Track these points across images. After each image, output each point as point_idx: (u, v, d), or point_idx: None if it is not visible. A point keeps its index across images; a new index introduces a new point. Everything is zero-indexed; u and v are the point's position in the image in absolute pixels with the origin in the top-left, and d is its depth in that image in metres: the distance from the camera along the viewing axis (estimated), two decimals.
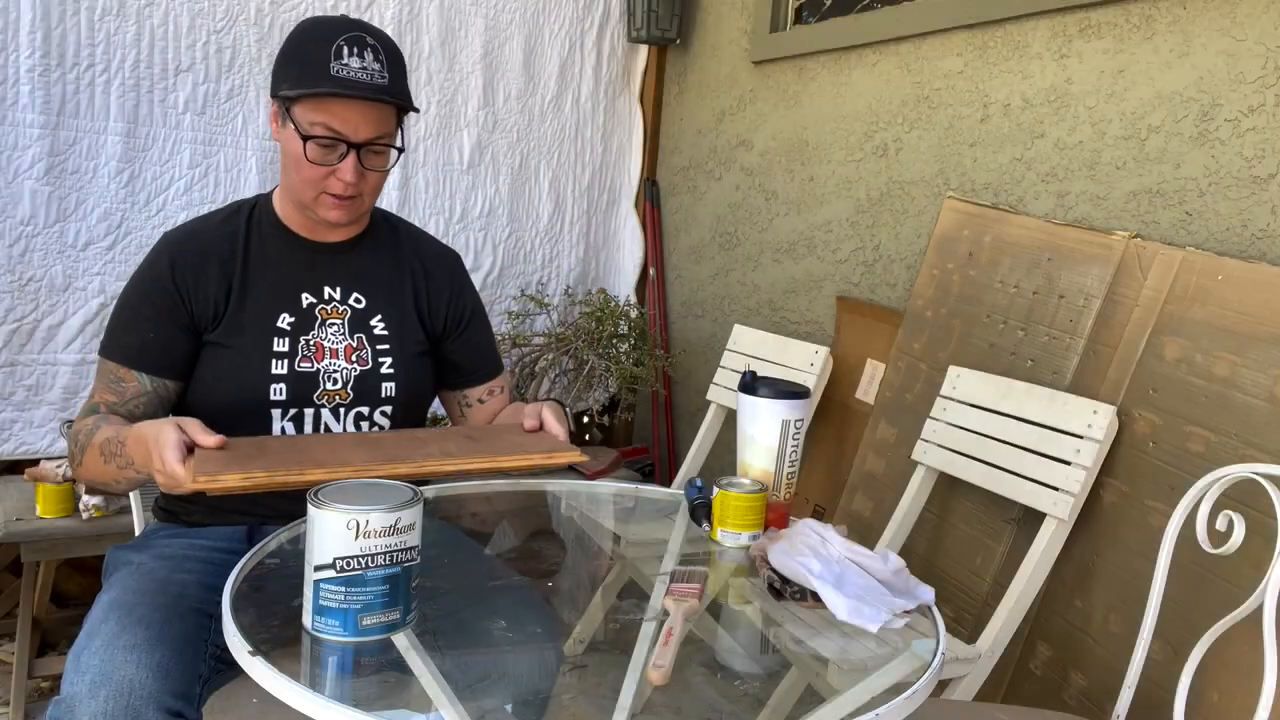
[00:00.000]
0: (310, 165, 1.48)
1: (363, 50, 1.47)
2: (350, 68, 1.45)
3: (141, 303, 1.53)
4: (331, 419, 1.56)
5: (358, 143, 1.47)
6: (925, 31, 2.47)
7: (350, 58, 1.46)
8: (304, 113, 1.46)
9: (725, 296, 3.25)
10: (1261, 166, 1.79)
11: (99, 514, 2.37)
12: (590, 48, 3.39)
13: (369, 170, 1.51)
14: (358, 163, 1.48)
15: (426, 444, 1.39)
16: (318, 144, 1.46)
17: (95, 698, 1.19)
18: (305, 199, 1.53)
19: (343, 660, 1.06)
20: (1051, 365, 2.06)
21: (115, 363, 1.52)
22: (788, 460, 1.48)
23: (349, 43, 1.46)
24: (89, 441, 1.43)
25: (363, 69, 1.46)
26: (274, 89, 1.52)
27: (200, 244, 1.56)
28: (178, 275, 1.52)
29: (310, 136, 1.46)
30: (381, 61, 1.48)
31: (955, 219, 2.35)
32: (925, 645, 1.19)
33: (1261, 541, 1.52)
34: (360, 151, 1.48)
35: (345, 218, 1.55)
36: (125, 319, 1.54)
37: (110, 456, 1.40)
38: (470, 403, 1.75)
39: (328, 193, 1.51)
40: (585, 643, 1.28)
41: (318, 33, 1.48)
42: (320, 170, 1.48)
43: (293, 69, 1.48)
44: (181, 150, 2.72)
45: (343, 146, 1.47)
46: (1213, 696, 1.62)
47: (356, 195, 1.52)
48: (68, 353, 2.61)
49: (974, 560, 2.14)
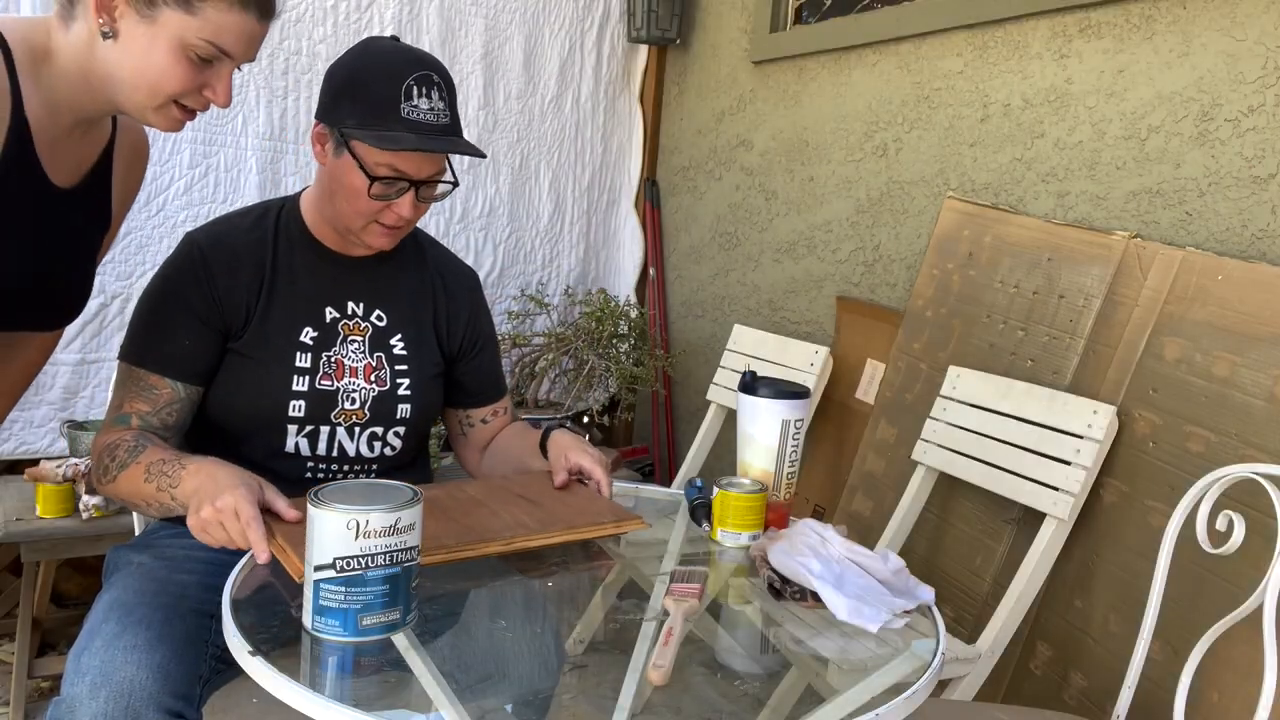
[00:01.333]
0: (369, 201, 1.46)
1: (430, 90, 1.44)
2: (419, 109, 1.43)
3: (177, 307, 1.49)
4: (346, 437, 1.56)
5: (419, 181, 1.47)
6: (925, 31, 2.47)
7: (420, 99, 1.43)
8: (369, 152, 1.43)
9: (725, 296, 3.25)
10: (1261, 166, 1.79)
11: (99, 514, 2.37)
12: (590, 48, 3.39)
13: (423, 202, 1.51)
14: (415, 199, 1.48)
15: (499, 513, 1.39)
16: (381, 183, 1.45)
17: (96, 698, 1.19)
18: (353, 227, 1.50)
19: (343, 660, 1.06)
20: (1051, 365, 2.06)
21: (147, 370, 1.48)
22: (788, 460, 1.48)
23: (418, 83, 1.43)
24: (131, 459, 1.38)
25: (430, 110, 1.44)
26: (331, 117, 1.47)
27: (232, 248, 1.53)
28: (215, 279, 1.50)
29: (377, 178, 1.44)
30: (445, 100, 1.47)
31: (955, 219, 2.35)
32: (925, 645, 1.19)
33: (1261, 541, 1.52)
34: (419, 188, 1.48)
35: (391, 245, 1.54)
36: (159, 324, 1.50)
37: (157, 475, 1.35)
38: (473, 423, 1.75)
39: (380, 223, 1.49)
40: (585, 643, 1.28)
41: (384, 68, 1.45)
42: (377, 205, 1.47)
43: (360, 106, 1.44)
44: (181, 150, 2.72)
45: (404, 184, 1.46)
46: (1213, 696, 1.62)
47: (408, 225, 1.52)
48: (68, 353, 2.61)
49: (974, 560, 2.14)
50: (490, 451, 1.74)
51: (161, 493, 1.34)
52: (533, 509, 1.42)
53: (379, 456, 1.59)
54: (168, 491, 1.34)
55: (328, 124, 1.48)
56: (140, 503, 1.39)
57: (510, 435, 1.74)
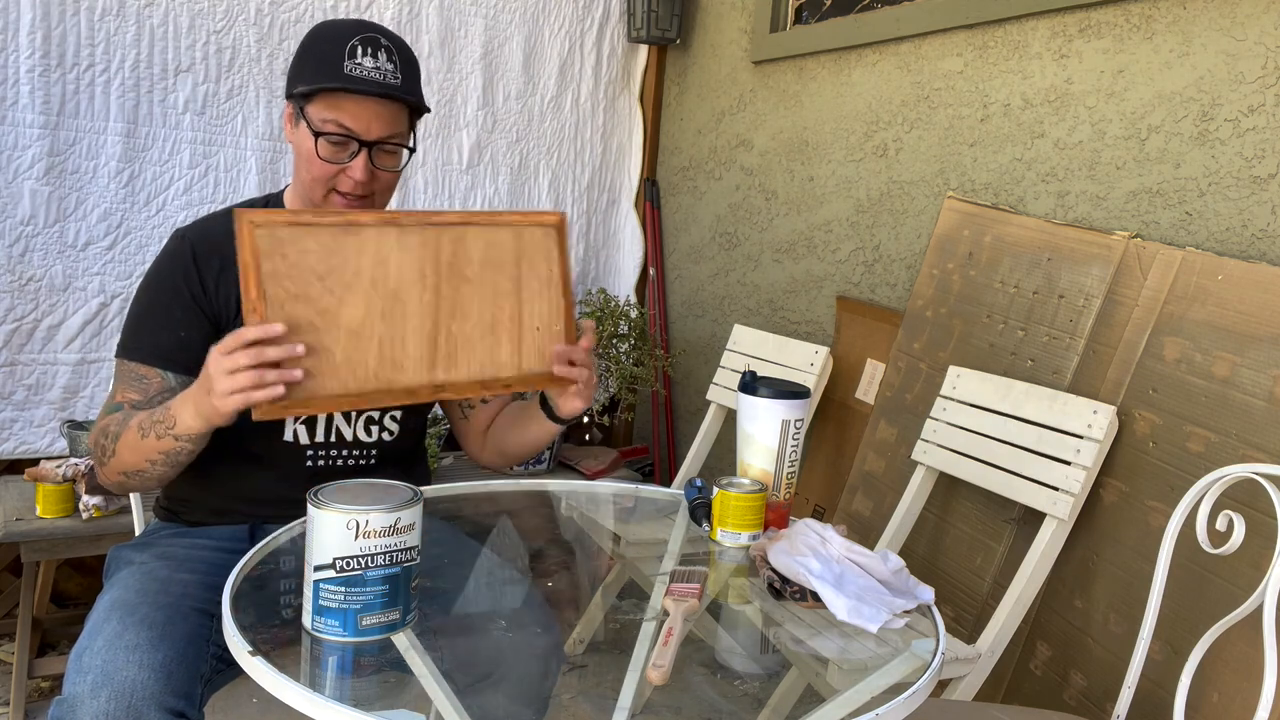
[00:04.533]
0: (321, 163, 1.48)
1: (376, 50, 1.48)
2: (364, 66, 1.46)
3: (170, 301, 1.51)
4: (343, 422, 1.56)
5: (369, 141, 1.49)
6: (925, 31, 2.47)
7: (364, 57, 1.47)
8: (317, 111, 1.47)
9: (725, 296, 3.25)
10: (1261, 166, 1.79)
11: (99, 514, 2.37)
12: (590, 48, 3.39)
13: (380, 169, 1.52)
14: (369, 161, 1.49)
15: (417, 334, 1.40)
16: (329, 141, 1.47)
17: (97, 698, 1.19)
18: (315, 198, 1.53)
19: (343, 660, 1.06)
20: (1051, 365, 2.06)
21: (137, 362, 1.49)
22: (787, 460, 1.48)
23: (363, 43, 1.47)
24: (122, 428, 1.41)
25: (376, 68, 1.47)
26: (288, 90, 1.53)
27: (219, 242, 1.55)
28: (203, 272, 1.52)
29: (322, 133, 1.47)
30: (395, 62, 1.50)
31: (955, 219, 2.35)
32: (925, 645, 1.19)
33: (1261, 541, 1.52)
34: (372, 150, 1.50)
35: None
36: (150, 317, 1.52)
37: (150, 427, 1.37)
38: (473, 404, 1.75)
39: (338, 191, 1.51)
40: (585, 643, 1.28)
41: (331, 33, 1.50)
42: (331, 168, 1.49)
43: (307, 69, 1.49)
44: (181, 150, 2.72)
45: (354, 145, 1.48)
46: (1213, 696, 1.62)
47: (367, 195, 1.53)
48: (68, 352, 2.61)
49: (974, 560, 2.14)
50: (493, 431, 1.73)
51: (162, 439, 1.36)
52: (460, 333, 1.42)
53: (377, 441, 1.60)
54: (168, 435, 1.35)
55: (289, 99, 1.53)
56: (145, 463, 1.40)
57: (512, 408, 1.73)
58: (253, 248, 1.28)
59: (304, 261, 1.33)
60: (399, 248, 1.43)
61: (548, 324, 1.49)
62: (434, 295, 1.42)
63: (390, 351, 1.35)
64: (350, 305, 1.35)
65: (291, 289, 1.30)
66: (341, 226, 1.37)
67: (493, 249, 1.49)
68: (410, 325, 1.38)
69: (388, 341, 1.36)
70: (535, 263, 1.51)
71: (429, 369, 1.37)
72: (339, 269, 1.36)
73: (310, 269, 1.33)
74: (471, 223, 1.46)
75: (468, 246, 1.48)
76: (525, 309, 1.48)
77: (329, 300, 1.34)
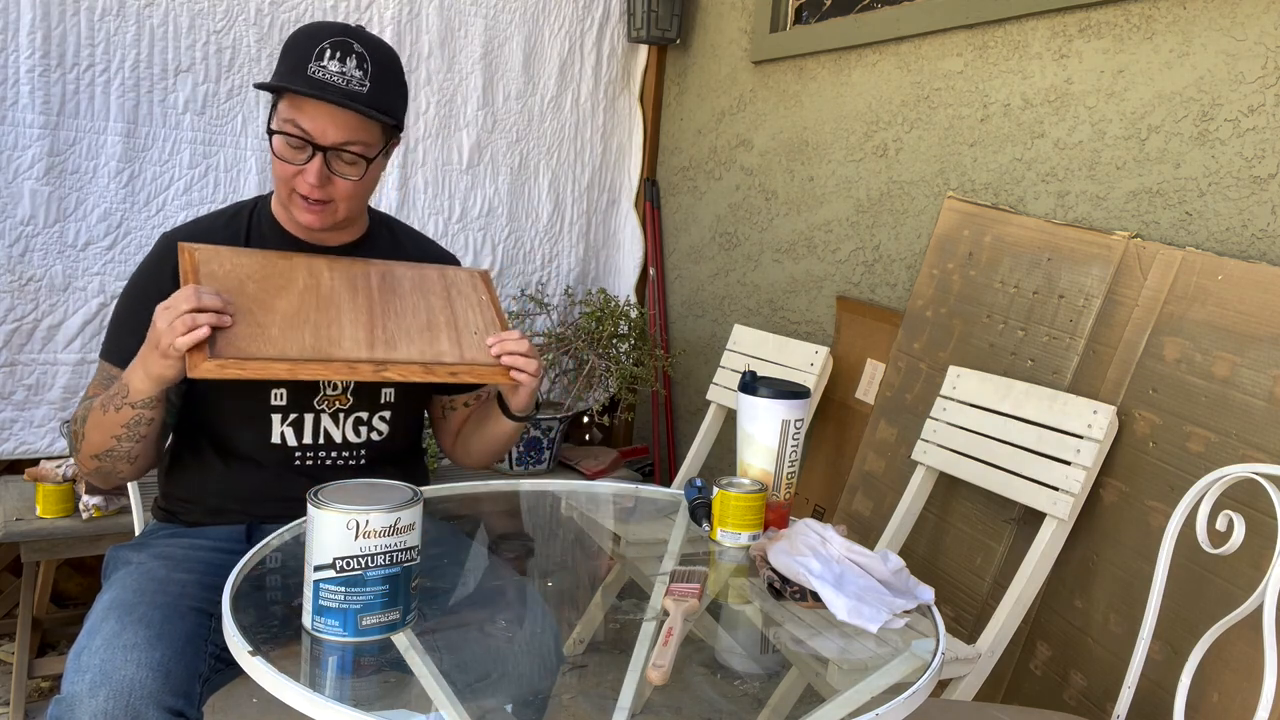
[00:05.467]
0: (278, 161, 1.49)
1: (346, 56, 1.46)
2: (327, 70, 1.44)
3: (144, 306, 1.50)
4: (331, 423, 1.56)
5: (324, 146, 1.46)
6: (925, 31, 2.47)
7: (330, 61, 1.45)
8: (282, 109, 1.47)
9: (725, 296, 3.25)
10: (1261, 166, 1.79)
11: (99, 514, 2.37)
12: (590, 48, 3.39)
13: (336, 176, 1.49)
14: (324, 167, 1.47)
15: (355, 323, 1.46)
16: (285, 141, 1.47)
17: (95, 697, 1.19)
18: (281, 197, 1.54)
19: (343, 660, 1.06)
20: (1051, 365, 2.06)
21: (116, 364, 1.51)
22: (787, 460, 1.48)
23: (333, 46, 1.45)
24: (89, 411, 1.44)
25: (340, 74, 1.45)
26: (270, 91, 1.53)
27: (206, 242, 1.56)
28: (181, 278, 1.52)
29: (279, 132, 1.46)
30: (365, 70, 1.46)
31: (955, 219, 2.35)
32: (925, 645, 1.19)
33: (1261, 541, 1.52)
34: (328, 156, 1.47)
35: (317, 224, 1.53)
36: (128, 322, 1.52)
37: (109, 400, 1.40)
38: (455, 406, 1.75)
39: (297, 193, 1.50)
40: (585, 643, 1.28)
41: (308, 34, 1.49)
42: (289, 168, 1.48)
43: (281, 66, 1.49)
44: (181, 150, 2.72)
45: (310, 149, 1.47)
46: (1213, 696, 1.62)
47: (328, 201, 1.51)
48: (68, 352, 2.61)
49: (974, 560, 2.14)
50: (463, 431, 1.74)
51: (120, 410, 1.39)
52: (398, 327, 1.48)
53: (366, 442, 1.60)
54: (125, 404, 1.39)
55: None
56: (111, 439, 1.43)
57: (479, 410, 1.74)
58: (192, 263, 1.42)
59: (238, 271, 1.44)
60: (329, 269, 1.53)
61: (484, 330, 1.55)
62: (367, 301, 1.50)
63: (326, 332, 1.42)
64: (284, 299, 1.43)
65: (227, 286, 1.40)
66: (278, 254, 1.51)
67: (422, 280, 1.59)
68: (345, 317, 1.46)
69: (323, 325, 1.43)
70: (465, 292, 1.62)
71: (368, 348, 1.41)
72: (272, 276, 1.46)
73: (246, 275, 1.44)
74: (397, 262, 1.60)
75: (396, 276, 1.58)
76: (460, 318, 1.56)
77: (262, 295, 1.42)
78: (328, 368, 1.35)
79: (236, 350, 1.32)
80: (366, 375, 1.37)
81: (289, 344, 1.36)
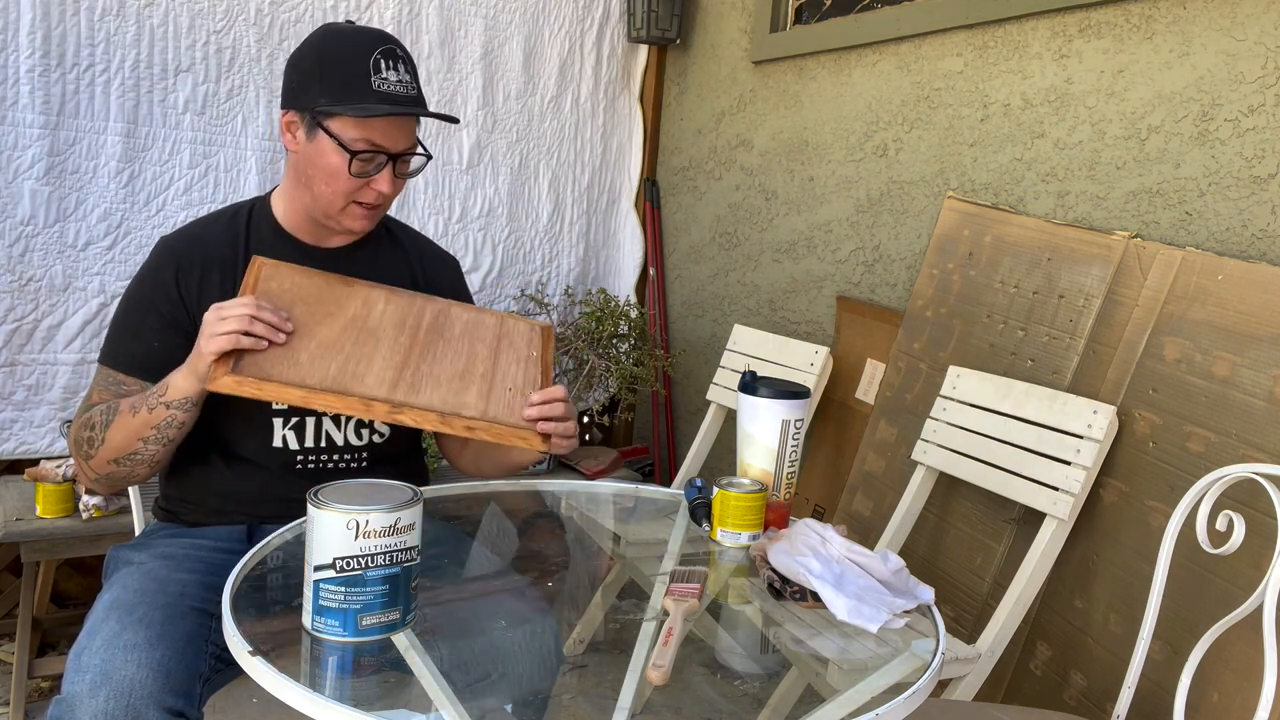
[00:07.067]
0: (349, 179, 1.48)
1: (396, 63, 1.48)
2: (389, 81, 1.46)
3: (146, 312, 1.51)
4: (333, 427, 1.56)
5: (396, 154, 1.49)
6: (925, 31, 2.47)
7: (388, 71, 1.46)
8: (344, 128, 1.46)
9: (725, 296, 3.25)
10: (1261, 166, 1.79)
11: (99, 514, 2.37)
12: (590, 48, 3.39)
13: (399, 177, 1.53)
14: (392, 172, 1.50)
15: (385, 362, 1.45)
16: (360, 158, 1.47)
17: (96, 697, 1.19)
18: (332, 210, 1.52)
19: (343, 660, 1.06)
20: (1051, 365, 2.06)
21: (116, 369, 1.50)
22: (787, 460, 1.48)
23: (384, 56, 1.46)
24: (111, 415, 1.42)
25: (400, 82, 1.47)
26: (300, 102, 1.49)
27: (203, 250, 1.55)
28: (182, 283, 1.51)
29: (357, 152, 1.46)
30: (411, 72, 1.50)
31: (955, 219, 2.35)
32: (925, 645, 1.19)
33: (1261, 541, 1.52)
34: (395, 162, 1.50)
35: (369, 226, 1.57)
36: (129, 328, 1.52)
37: (141, 402, 1.40)
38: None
39: (358, 203, 1.51)
40: (585, 643, 1.28)
41: (349, 45, 1.47)
42: (357, 183, 1.49)
43: (331, 85, 1.46)
44: (181, 150, 2.72)
45: (381, 158, 1.48)
46: (1213, 696, 1.62)
47: (385, 203, 1.55)
48: (68, 353, 2.61)
49: (974, 560, 2.14)
50: (473, 448, 1.72)
51: (154, 411, 1.39)
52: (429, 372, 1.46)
53: (368, 444, 1.59)
54: (159, 404, 1.38)
55: (297, 110, 1.51)
56: (137, 442, 1.41)
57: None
58: (255, 276, 1.43)
59: (295, 292, 1.44)
60: (385, 302, 1.53)
61: (520, 387, 1.50)
62: (410, 340, 1.48)
63: (354, 366, 1.40)
64: (326, 327, 1.43)
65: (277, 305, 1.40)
66: (340, 279, 1.51)
67: (477, 326, 1.57)
68: (380, 354, 1.44)
69: (354, 359, 1.41)
70: (516, 344, 1.58)
71: (389, 388, 1.39)
72: (325, 301, 1.46)
73: (299, 297, 1.44)
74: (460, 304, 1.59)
75: (451, 318, 1.56)
76: (499, 372, 1.51)
77: (308, 319, 1.42)
78: (342, 400, 1.33)
79: (259, 370, 1.32)
80: (380, 415, 1.36)
81: (312, 372, 1.35)
